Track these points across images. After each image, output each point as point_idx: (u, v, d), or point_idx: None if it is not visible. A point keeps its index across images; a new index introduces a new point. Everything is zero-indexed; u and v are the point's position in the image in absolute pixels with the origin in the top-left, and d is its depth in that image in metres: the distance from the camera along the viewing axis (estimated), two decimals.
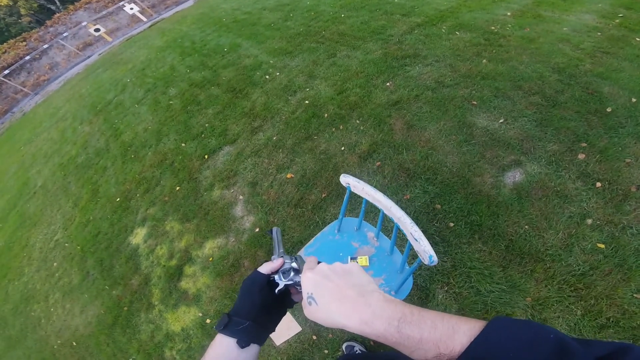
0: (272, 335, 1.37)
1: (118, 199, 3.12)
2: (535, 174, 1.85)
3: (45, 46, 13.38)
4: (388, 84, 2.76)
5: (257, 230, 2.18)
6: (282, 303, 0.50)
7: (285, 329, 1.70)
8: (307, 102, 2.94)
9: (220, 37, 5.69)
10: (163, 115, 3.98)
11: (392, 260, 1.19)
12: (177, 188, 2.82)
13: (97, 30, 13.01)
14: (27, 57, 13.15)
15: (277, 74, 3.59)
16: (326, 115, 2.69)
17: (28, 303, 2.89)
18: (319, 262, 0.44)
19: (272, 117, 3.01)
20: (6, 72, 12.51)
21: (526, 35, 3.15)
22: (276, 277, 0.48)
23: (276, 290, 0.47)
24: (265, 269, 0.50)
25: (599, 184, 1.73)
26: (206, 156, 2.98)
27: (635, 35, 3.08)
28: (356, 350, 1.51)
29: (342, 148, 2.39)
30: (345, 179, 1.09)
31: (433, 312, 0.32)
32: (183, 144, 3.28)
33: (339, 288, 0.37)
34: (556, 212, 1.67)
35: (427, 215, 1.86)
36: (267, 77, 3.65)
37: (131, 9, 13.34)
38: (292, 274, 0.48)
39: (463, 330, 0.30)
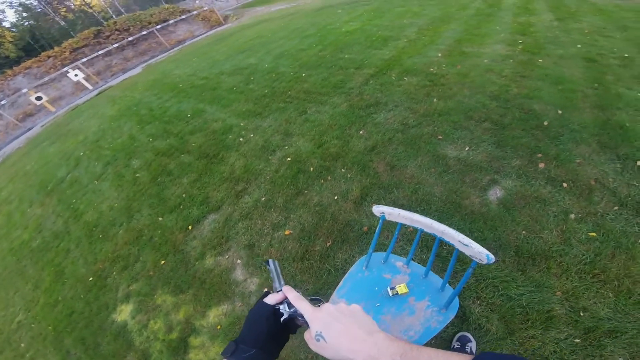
0: None
1: (91, 279, 2.83)
2: (512, 187, 2.10)
3: None
4: (361, 132, 3.03)
5: (265, 290, 2.13)
6: (286, 330, 0.54)
7: None
8: (289, 159, 3.07)
9: (180, 103, 5.70)
10: (130, 190, 3.76)
11: (430, 282, 1.21)
12: (162, 262, 2.64)
13: (38, 98, 12.13)
14: None
15: (251, 135, 3.71)
16: (312, 169, 2.83)
17: None
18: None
19: (256, 179, 3.05)
20: None
21: (459, 71, 3.72)
22: (281, 307, 0.52)
23: (281, 320, 0.51)
24: (270, 300, 0.55)
25: (565, 185, 2.02)
26: (190, 227, 2.87)
27: (537, 57, 3.79)
28: None
29: (335, 197, 2.50)
30: (379, 209, 1.12)
31: (430, 349, 0.40)
32: (160, 218, 3.12)
33: (347, 328, 0.43)
34: (542, 215, 1.88)
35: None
36: (241, 139, 3.74)
37: (75, 75, 12.86)
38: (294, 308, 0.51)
39: None
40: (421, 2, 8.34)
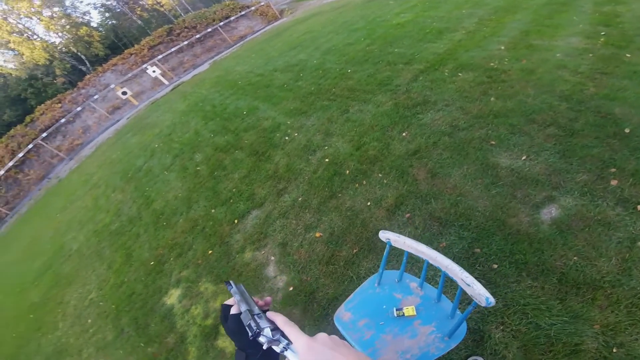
0: None
1: (152, 263, 3.24)
2: (572, 207, 1.84)
3: (79, 109, 14.44)
4: (404, 134, 2.90)
5: (291, 289, 2.22)
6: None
7: None
8: (327, 160, 3.09)
9: (238, 100, 6.13)
10: (191, 182, 4.19)
11: (441, 307, 1.19)
12: (210, 252, 2.92)
13: (124, 93, 14.08)
14: (62, 120, 14.03)
15: (296, 134, 3.83)
16: (347, 172, 2.82)
17: (60, 356, 2.92)
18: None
19: (296, 179, 3.15)
20: (44, 134, 13.31)
21: (525, 67, 3.30)
22: (263, 333, 0.45)
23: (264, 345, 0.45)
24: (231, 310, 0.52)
25: (639, 207, 1.71)
26: (236, 220, 3.10)
27: (624, 52, 3.18)
28: None
29: (368, 203, 2.46)
30: (385, 235, 1.13)
31: None
32: (213, 210, 3.43)
33: (345, 357, 0.40)
34: (603, 240, 1.64)
35: (467, 260, 1.85)
36: (287, 138, 3.88)
37: (153, 71, 14.52)
38: (277, 335, 0.45)
39: None
40: None
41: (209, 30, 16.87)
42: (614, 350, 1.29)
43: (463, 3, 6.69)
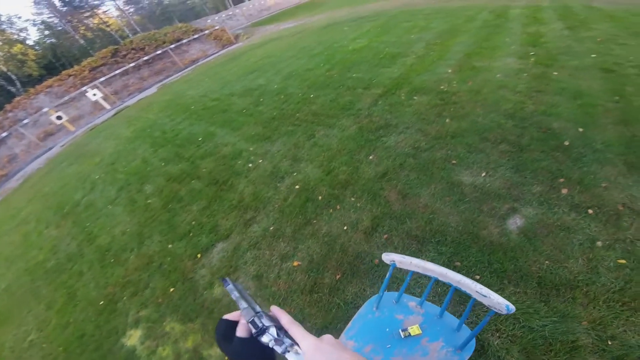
0: None
1: (101, 302, 2.87)
2: (533, 216, 1.98)
3: (4, 134, 12.64)
4: (371, 157, 2.95)
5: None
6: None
7: None
8: (297, 186, 3.02)
9: (192, 126, 5.80)
10: (142, 216, 3.81)
11: (445, 322, 1.18)
12: (171, 289, 2.65)
13: (59, 117, 12.55)
14: None
15: (260, 161, 3.71)
16: (320, 197, 2.77)
17: None
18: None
19: (264, 207, 3.02)
20: None
21: (471, 88, 3.62)
22: (267, 332, 0.44)
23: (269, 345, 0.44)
24: (242, 331, 0.47)
25: (590, 211, 1.89)
26: (199, 255, 2.86)
27: (551, 70, 3.66)
28: None
29: (345, 228, 2.42)
30: (389, 257, 1.12)
31: None
32: (170, 245, 3.14)
33: (352, 357, 0.40)
34: (567, 243, 1.78)
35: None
36: (250, 165, 3.74)
37: (94, 94, 13.30)
38: (282, 334, 0.44)
39: None
40: (427, 16, 8.34)
41: (159, 52, 16.25)
42: (609, 343, 1.36)
43: (411, 28, 7.31)
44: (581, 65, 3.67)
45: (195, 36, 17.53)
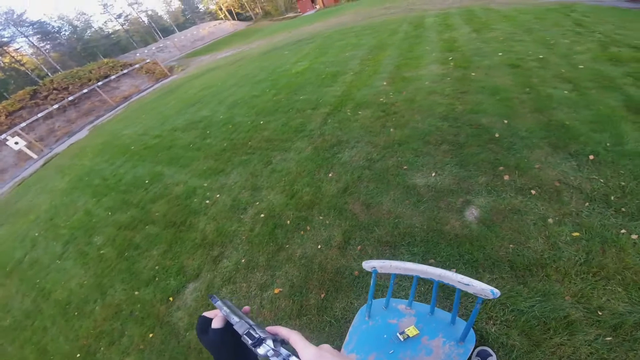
0: None
1: (78, 355, 2.54)
2: (486, 205, 2.17)
3: None
4: (330, 174, 3.03)
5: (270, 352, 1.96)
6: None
7: None
8: (262, 215, 2.96)
9: (135, 168, 5.37)
10: (97, 267, 3.43)
11: (438, 318, 1.22)
12: (150, 335, 2.40)
13: None
14: None
15: (218, 195, 3.56)
16: (288, 221, 2.75)
17: None
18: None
19: (231, 241, 2.90)
20: None
21: (406, 97, 3.95)
22: (264, 344, 0.43)
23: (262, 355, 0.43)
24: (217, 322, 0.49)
25: (533, 191, 2.13)
26: (171, 298, 2.64)
27: (469, 72, 4.16)
28: None
29: (319, 246, 2.42)
30: (369, 264, 1.14)
31: None
32: (136, 292, 2.86)
33: None
34: (523, 225, 1.94)
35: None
36: (208, 201, 3.57)
37: (16, 143, 11.57)
38: (279, 346, 0.43)
39: None
40: (357, 33, 8.99)
41: (85, 91, 14.92)
42: (599, 314, 1.43)
43: (345, 46, 7.78)
44: (492, 64, 4.24)
45: (125, 71, 16.57)
